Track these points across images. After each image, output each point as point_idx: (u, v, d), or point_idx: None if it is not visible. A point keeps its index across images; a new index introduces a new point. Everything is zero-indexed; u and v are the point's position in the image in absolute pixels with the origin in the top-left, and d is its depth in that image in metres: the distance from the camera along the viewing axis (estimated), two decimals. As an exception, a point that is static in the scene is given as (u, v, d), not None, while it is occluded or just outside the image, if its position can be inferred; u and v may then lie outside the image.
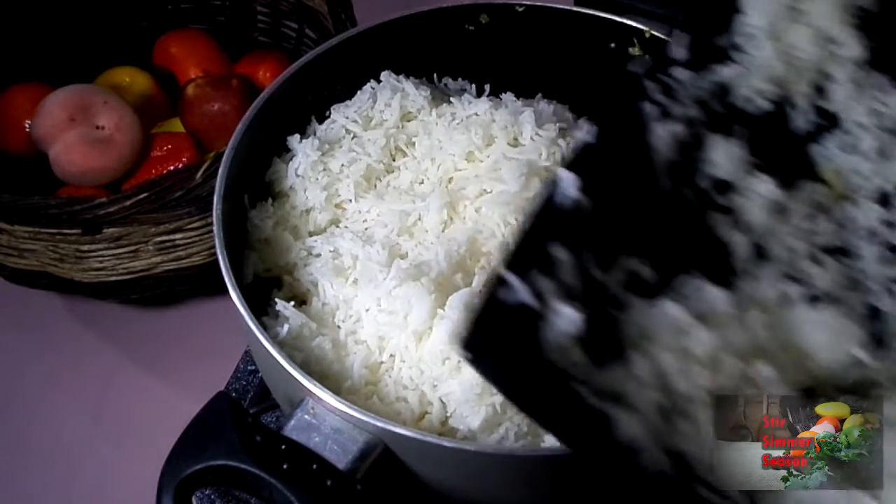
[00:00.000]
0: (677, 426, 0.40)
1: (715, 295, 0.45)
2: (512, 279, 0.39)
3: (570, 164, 0.43)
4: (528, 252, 0.41)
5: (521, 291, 0.39)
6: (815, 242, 0.50)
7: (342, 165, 0.62)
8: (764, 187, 0.49)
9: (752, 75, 0.50)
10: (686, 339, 0.42)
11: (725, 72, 0.49)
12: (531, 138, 0.63)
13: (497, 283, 0.39)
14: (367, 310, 0.55)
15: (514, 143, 0.63)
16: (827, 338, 0.45)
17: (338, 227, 0.62)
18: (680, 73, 0.48)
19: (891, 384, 0.46)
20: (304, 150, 0.63)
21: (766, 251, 0.49)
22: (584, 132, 0.45)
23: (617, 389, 0.40)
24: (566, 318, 0.39)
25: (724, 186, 0.49)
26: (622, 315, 0.42)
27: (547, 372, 0.38)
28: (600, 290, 0.42)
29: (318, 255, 0.59)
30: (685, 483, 0.39)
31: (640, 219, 0.46)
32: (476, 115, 0.65)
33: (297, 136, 0.64)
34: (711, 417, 0.41)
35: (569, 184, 0.42)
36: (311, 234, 0.61)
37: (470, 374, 0.51)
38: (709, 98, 0.49)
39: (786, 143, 0.52)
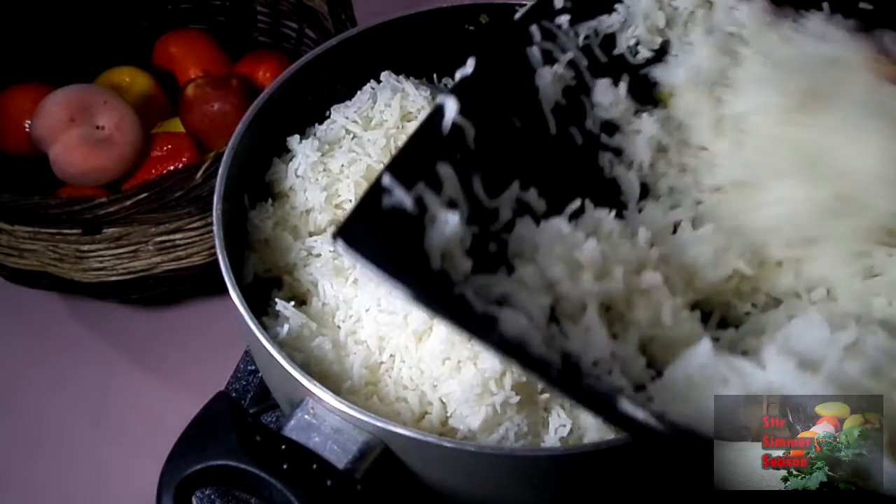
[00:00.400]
0: (566, 329, 0.42)
1: (603, 216, 0.47)
2: (394, 185, 0.39)
3: (455, 91, 0.44)
4: (412, 165, 0.41)
5: (403, 197, 0.39)
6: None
7: (342, 166, 0.62)
8: (648, 126, 0.52)
9: (635, 25, 0.53)
10: (575, 251, 0.44)
11: (608, 20, 0.52)
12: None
13: (379, 189, 0.39)
14: (367, 310, 0.55)
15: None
16: (711, 252, 0.47)
17: (338, 227, 0.62)
18: (563, 21, 0.51)
19: (770, 291, 0.49)
20: (303, 151, 0.63)
21: (652, 189, 0.52)
22: (467, 66, 0.46)
23: (504, 294, 0.41)
24: (449, 223, 0.40)
25: (611, 127, 0.51)
26: (511, 231, 0.44)
27: (430, 277, 0.39)
28: (488, 211, 0.44)
29: (318, 255, 0.59)
30: (573, 375, 0.40)
31: (530, 154, 0.47)
32: (476, 114, 0.65)
33: (297, 136, 0.64)
34: (599, 321, 0.42)
35: (452, 109, 0.43)
36: (311, 235, 0.61)
37: (470, 374, 0.51)
38: (594, 46, 0.52)
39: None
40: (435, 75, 0.71)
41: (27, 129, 0.79)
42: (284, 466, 0.46)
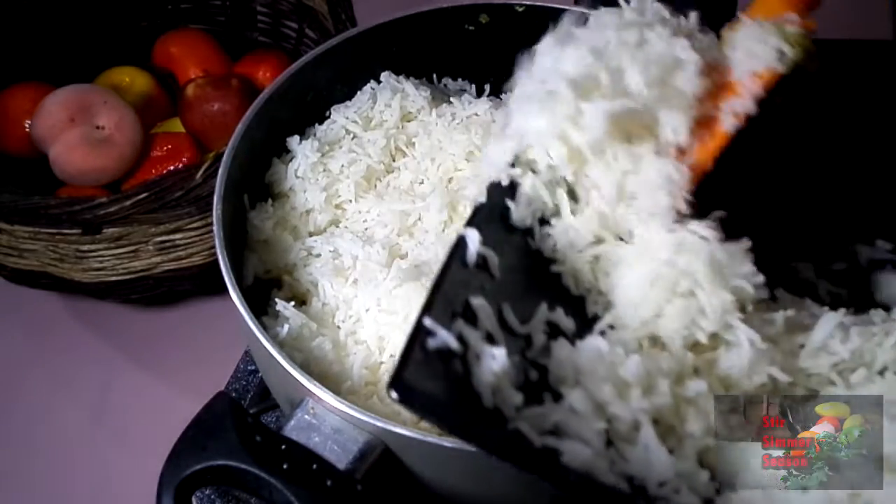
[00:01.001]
0: (623, 452, 0.41)
1: None
2: (436, 327, 0.39)
3: (472, 222, 0.45)
4: (448, 302, 0.41)
5: (448, 338, 0.39)
6: None
7: (342, 166, 0.62)
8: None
9: None
10: (619, 369, 0.43)
11: None
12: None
13: (420, 332, 0.39)
14: (367, 310, 0.55)
15: (514, 143, 0.63)
16: (744, 365, 0.45)
17: (338, 227, 0.62)
18: None
19: (808, 383, 0.48)
20: (303, 152, 0.63)
21: None
22: (476, 193, 0.47)
23: (557, 423, 0.40)
24: (497, 359, 0.39)
25: None
26: (548, 355, 0.43)
27: (484, 415, 0.38)
28: (522, 338, 0.43)
29: (318, 256, 0.59)
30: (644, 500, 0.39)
31: (549, 274, 0.47)
32: (476, 115, 0.65)
33: (297, 137, 0.64)
34: (657, 438, 0.41)
35: (474, 240, 0.44)
36: (310, 235, 0.61)
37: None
38: None
39: None
40: (435, 75, 0.71)
41: (27, 129, 0.79)
42: (284, 466, 0.46)
